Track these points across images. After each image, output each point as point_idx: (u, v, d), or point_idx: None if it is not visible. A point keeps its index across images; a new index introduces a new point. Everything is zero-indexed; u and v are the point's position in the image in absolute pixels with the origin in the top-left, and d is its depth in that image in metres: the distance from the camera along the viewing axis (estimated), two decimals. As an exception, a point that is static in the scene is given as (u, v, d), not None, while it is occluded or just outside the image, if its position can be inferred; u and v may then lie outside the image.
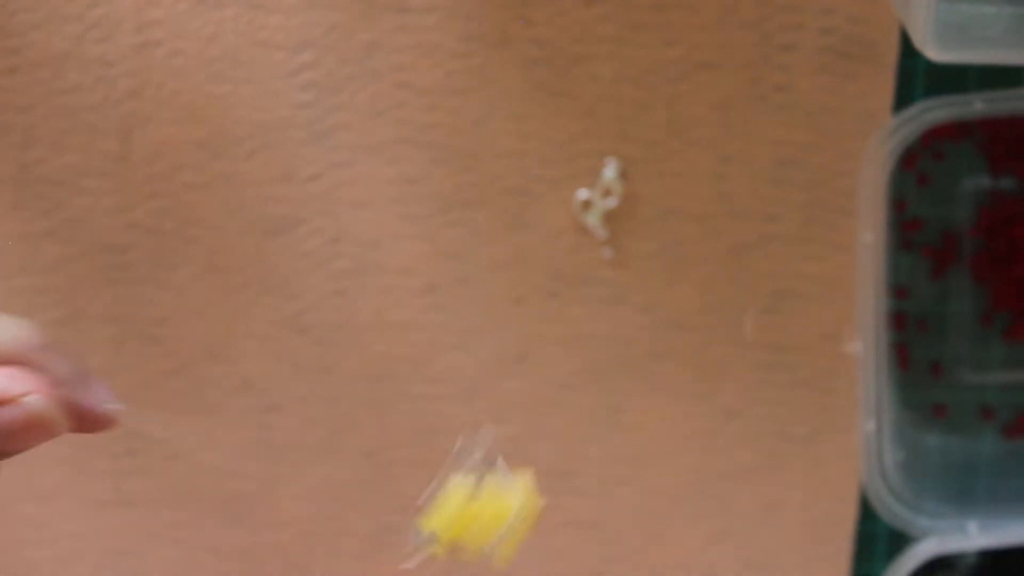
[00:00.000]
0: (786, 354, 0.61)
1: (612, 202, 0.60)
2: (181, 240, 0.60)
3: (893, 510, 0.61)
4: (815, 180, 0.59)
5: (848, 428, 0.61)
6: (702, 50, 0.59)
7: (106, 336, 0.61)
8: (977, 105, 0.57)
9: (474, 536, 0.45)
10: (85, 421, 0.45)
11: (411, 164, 0.60)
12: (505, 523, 0.45)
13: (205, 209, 0.60)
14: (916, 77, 0.59)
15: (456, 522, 0.45)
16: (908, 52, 0.58)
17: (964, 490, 0.62)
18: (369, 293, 0.61)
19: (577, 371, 0.62)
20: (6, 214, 0.60)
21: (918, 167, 0.60)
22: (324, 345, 0.61)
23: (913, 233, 0.61)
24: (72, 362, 0.44)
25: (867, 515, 0.62)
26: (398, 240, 0.60)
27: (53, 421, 0.43)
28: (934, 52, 0.52)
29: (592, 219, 0.60)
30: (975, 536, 0.60)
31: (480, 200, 0.60)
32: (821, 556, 0.63)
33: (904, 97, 0.59)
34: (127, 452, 0.63)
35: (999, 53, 0.54)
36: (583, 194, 0.60)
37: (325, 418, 0.62)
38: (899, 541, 0.62)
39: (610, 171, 0.60)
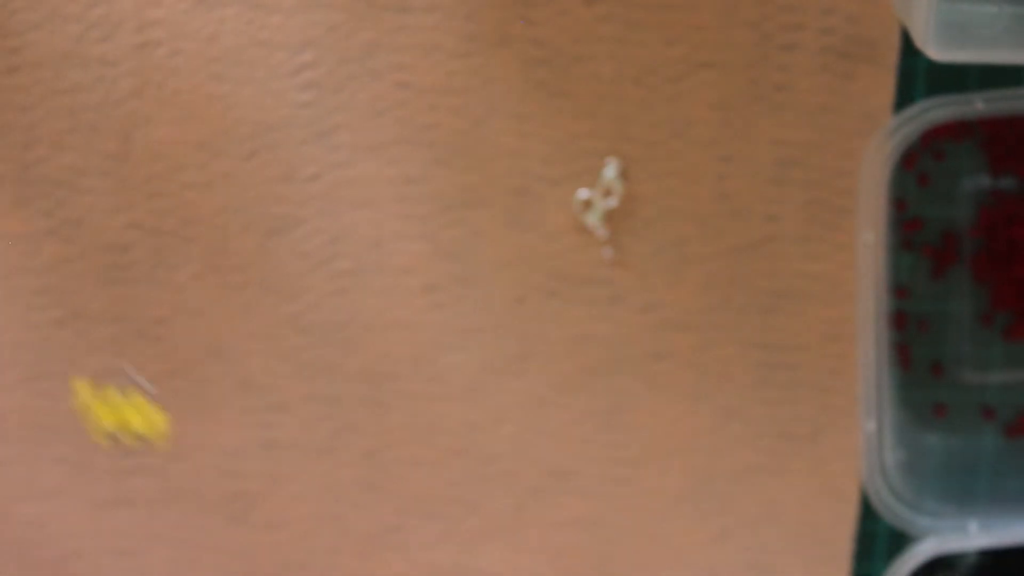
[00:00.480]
0: (786, 354, 0.61)
1: (612, 202, 0.60)
2: (181, 240, 0.60)
3: (894, 510, 0.61)
4: (816, 180, 0.59)
5: (849, 428, 0.61)
6: (702, 50, 0.59)
7: (106, 336, 0.61)
8: (978, 105, 0.57)
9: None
10: None
11: (411, 164, 0.60)
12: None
13: (205, 209, 0.60)
14: (917, 76, 0.59)
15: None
16: (909, 51, 0.58)
17: (965, 490, 0.62)
18: (369, 293, 0.61)
19: (577, 371, 0.62)
20: (7, 213, 0.60)
21: (918, 167, 0.60)
22: (324, 345, 0.61)
23: (913, 233, 0.61)
24: None
25: (868, 515, 0.62)
26: (398, 240, 0.60)
27: None
28: (935, 51, 0.52)
29: (592, 219, 0.60)
30: (976, 536, 0.60)
31: (480, 200, 0.60)
32: (822, 556, 0.63)
33: (905, 96, 0.59)
34: (128, 452, 0.63)
35: (1000, 52, 0.54)
36: (583, 194, 0.60)
37: (325, 418, 0.62)
38: (900, 541, 0.62)
39: (610, 171, 0.60)
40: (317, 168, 0.60)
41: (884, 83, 0.59)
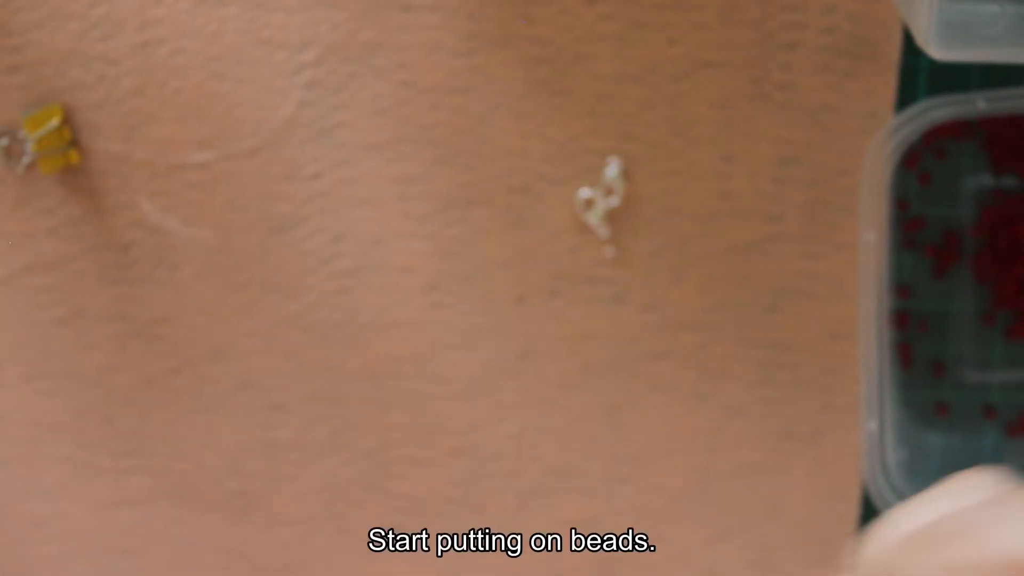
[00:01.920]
0: (788, 353, 0.61)
1: (614, 201, 0.60)
2: (183, 239, 0.60)
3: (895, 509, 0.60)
4: (817, 179, 0.60)
5: (850, 427, 0.61)
6: (704, 49, 0.59)
7: (108, 335, 0.61)
8: (980, 104, 0.57)
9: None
10: None
11: (413, 163, 0.60)
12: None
13: (207, 208, 0.60)
14: (918, 76, 0.59)
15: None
16: (910, 51, 0.58)
17: (966, 489, 0.62)
18: (371, 292, 0.61)
19: (578, 370, 0.62)
20: (8, 212, 0.60)
21: (920, 166, 0.61)
22: (326, 344, 0.61)
23: (915, 232, 0.61)
24: None
25: (869, 514, 0.62)
26: (400, 239, 0.60)
27: None
28: (936, 51, 0.52)
29: (594, 218, 0.60)
30: (977, 535, 0.60)
31: (482, 199, 0.60)
32: (823, 555, 0.63)
33: (906, 96, 0.59)
34: (128, 451, 0.63)
35: (1002, 52, 0.54)
36: (585, 193, 0.60)
37: (326, 417, 0.62)
38: (901, 540, 0.62)
39: (612, 170, 0.60)
40: (319, 167, 0.60)
41: (886, 82, 0.59)
